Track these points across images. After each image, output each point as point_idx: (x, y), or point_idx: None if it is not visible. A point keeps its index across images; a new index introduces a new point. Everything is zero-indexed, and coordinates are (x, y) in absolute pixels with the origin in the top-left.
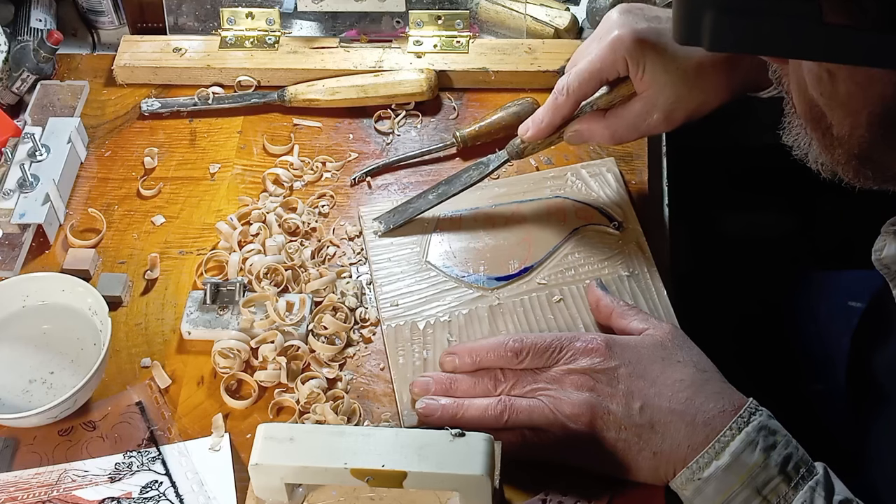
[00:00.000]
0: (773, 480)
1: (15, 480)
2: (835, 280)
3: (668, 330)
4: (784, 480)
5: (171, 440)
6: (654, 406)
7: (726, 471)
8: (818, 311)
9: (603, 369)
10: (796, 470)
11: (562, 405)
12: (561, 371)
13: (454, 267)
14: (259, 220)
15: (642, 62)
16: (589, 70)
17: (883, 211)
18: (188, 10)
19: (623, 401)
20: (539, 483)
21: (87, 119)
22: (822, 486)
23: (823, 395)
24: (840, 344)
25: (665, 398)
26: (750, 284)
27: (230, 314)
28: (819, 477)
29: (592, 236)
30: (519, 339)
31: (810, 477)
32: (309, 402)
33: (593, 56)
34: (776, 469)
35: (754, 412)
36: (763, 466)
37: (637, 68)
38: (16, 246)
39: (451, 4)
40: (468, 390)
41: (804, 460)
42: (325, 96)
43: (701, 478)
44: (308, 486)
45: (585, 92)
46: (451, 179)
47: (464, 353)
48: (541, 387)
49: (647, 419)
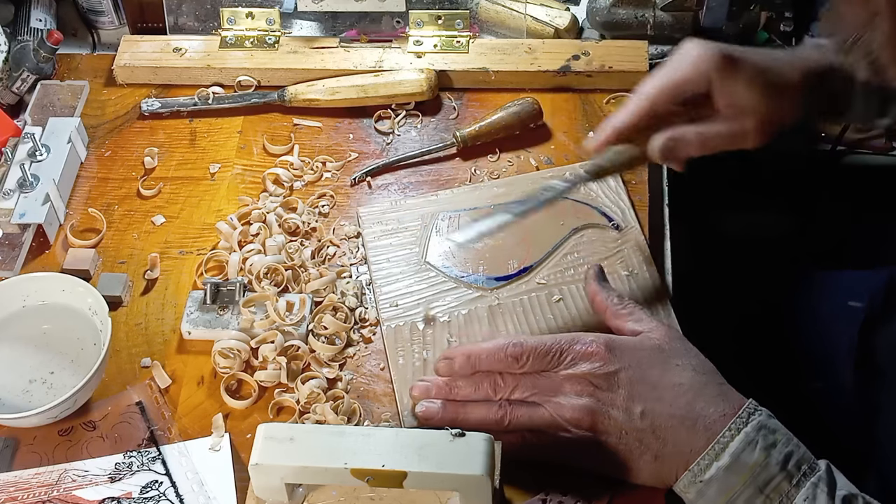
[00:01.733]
0: (774, 479)
1: (15, 480)
2: (835, 280)
3: (664, 332)
4: (786, 478)
5: (171, 440)
6: (654, 411)
7: (727, 471)
8: (818, 310)
9: (603, 374)
10: (798, 467)
11: (563, 410)
12: (562, 376)
13: (453, 267)
14: (259, 220)
15: (728, 77)
16: (668, 79)
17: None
18: (188, 10)
19: (624, 405)
20: (539, 483)
21: (87, 119)
22: (825, 482)
23: (823, 393)
24: (840, 343)
25: (666, 403)
26: (750, 284)
27: (230, 314)
28: (821, 473)
29: (592, 236)
30: (518, 343)
31: (812, 474)
32: (309, 402)
33: (673, 67)
34: (777, 467)
35: (753, 412)
36: (764, 465)
37: (721, 83)
38: (16, 246)
39: (451, 4)
40: (468, 395)
41: (805, 458)
42: (325, 96)
43: (703, 480)
44: (308, 486)
45: (660, 99)
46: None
47: (461, 356)
48: (541, 392)
49: (649, 424)
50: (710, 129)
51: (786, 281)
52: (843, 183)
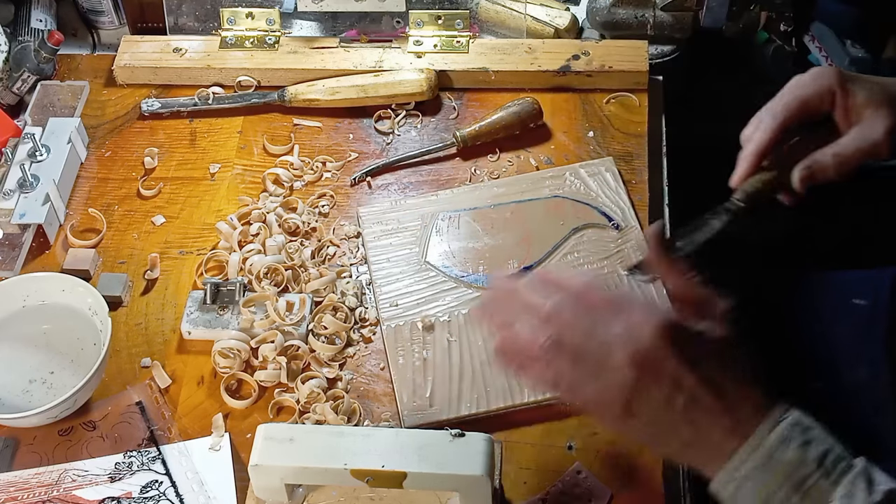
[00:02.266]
0: (812, 476)
1: (15, 480)
2: (837, 280)
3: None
4: (823, 475)
5: (171, 440)
6: (692, 400)
7: (763, 469)
8: (821, 310)
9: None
10: (835, 465)
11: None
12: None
13: (453, 267)
14: (259, 220)
15: (852, 87)
16: (792, 95)
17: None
18: (188, 10)
19: (665, 392)
20: (539, 483)
21: (87, 119)
22: (863, 479)
23: (825, 393)
24: (843, 343)
25: (700, 396)
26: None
27: (230, 314)
28: (858, 470)
29: (592, 236)
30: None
31: (850, 471)
32: (309, 402)
33: (794, 85)
34: (815, 464)
35: (787, 409)
36: (801, 462)
37: (845, 96)
38: (16, 246)
39: (451, 4)
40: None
41: (842, 455)
42: (325, 96)
43: (737, 476)
44: (308, 487)
45: (789, 117)
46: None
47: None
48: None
49: (681, 412)
50: (844, 147)
51: (787, 281)
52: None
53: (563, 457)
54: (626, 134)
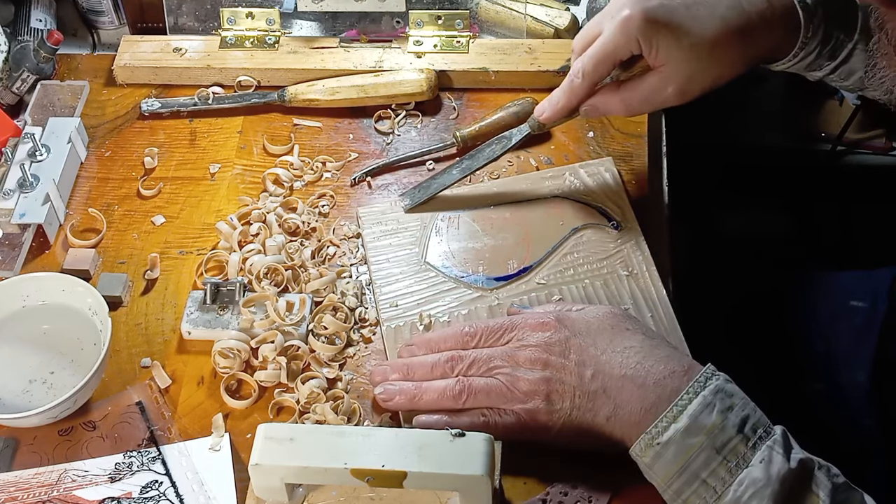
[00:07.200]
0: (731, 441)
1: (15, 480)
2: (835, 281)
3: (613, 306)
4: (742, 441)
5: (171, 440)
6: (605, 372)
7: (685, 433)
8: (819, 311)
9: (555, 341)
10: (754, 430)
11: (518, 383)
12: (514, 347)
13: (453, 267)
14: (259, 220)
15: (655, 41)
16: (603, 52)
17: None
18: (188, 10)
19: (576, 370)
20: (539, 483)
21: (87, 119)
22: (780, 445)
23: (824, 393)
24: (842, 343)
25: (616, 364)
26: (750, 285)
27: (230, 314)
28: (777, 437)
29: (591, 236)
30: (472, 324)
31: (768, 437)
32: (309, 402)
33: (606, 38)
34: (734, 430)
35: (710, 376)
36: (721, 427)
37: (650, 47)
38: (16, 246)
39: (451, 4)
40: (426, 374)
41: (762, 422)
42: (325, 96)
43: (660, 442)
44: (308, 486)
45: (601, 74)
46: (474, 154)
47: (422, 343)
48: (497, 365)
49: (600, 385)
50: (632, 94)
51: (786, 281)
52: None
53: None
54: (626, 134)
